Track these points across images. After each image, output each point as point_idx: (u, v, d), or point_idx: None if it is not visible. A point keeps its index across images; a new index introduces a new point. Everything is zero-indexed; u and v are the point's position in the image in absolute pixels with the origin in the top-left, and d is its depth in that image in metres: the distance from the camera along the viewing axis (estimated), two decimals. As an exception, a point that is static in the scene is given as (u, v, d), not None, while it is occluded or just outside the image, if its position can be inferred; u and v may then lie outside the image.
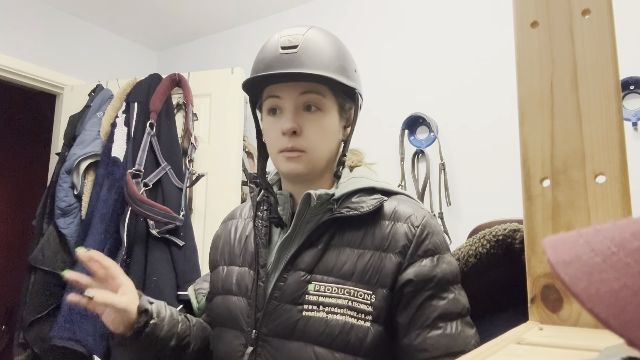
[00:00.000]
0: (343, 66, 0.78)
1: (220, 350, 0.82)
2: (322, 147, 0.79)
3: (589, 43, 0.54)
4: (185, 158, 2.08)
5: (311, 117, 0.77)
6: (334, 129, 0.80)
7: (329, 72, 0.75)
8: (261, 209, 0.85)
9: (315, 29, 0.79)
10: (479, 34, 1.98)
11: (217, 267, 0.90)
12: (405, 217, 0.76)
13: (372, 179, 0.82)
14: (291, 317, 0.73)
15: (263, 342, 0.75)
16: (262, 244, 0.81)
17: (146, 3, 2.58)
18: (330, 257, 0.75)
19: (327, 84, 0.77)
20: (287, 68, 0.74)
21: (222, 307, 0.84)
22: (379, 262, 0.73)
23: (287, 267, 0.77)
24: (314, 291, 0.73)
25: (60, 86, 2.59)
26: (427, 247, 0.74)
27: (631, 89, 1.63)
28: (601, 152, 0.52)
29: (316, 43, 0.76)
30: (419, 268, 0.72)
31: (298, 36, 0.76)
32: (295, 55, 0.74)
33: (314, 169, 0.79)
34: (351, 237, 0.76)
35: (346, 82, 0.77)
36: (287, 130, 0.76)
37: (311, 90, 0.77)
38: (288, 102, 0.77)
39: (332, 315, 0.71)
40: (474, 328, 0.73)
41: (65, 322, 1.72)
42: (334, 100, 0.79)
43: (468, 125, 1.96)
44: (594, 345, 0.40)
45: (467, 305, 0.74)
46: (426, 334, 0.70)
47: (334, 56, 0.77)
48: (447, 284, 0.73)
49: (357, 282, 0.73)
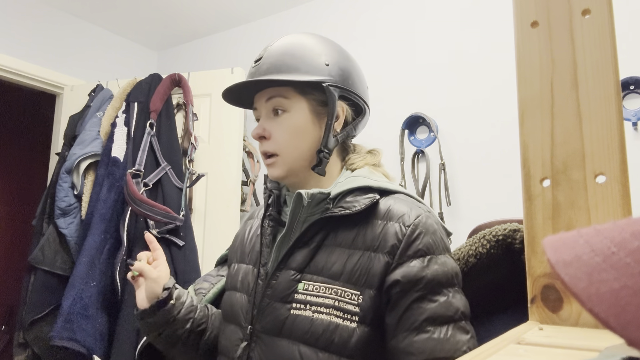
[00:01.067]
0: (304, 63, 0.79)
1: (221, 344, 0.85)
2: (292, 147, 0.80)
3: (589, 43, 0.54)
4: (185, 158, 2.08)
5: (278, 120, 0.81)
6: (304, 127, 0.81)
7: (280, 75, 0.78)
8: (270, 210, 0.87)
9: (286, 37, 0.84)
10: (479, 34, 1.98)
11: (231, 264, 0.93)
12: (397, 216, 0.74)
13: (371, 178, 0.81)
14: (280, 314, 0.75)
15: (256, 338, 0.77)
16: (266, 243, 0.84)
17: (146, 3, 2.58)
18: (321, 257, 0.76)
19: (289, 85, 0.80)
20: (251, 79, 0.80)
21: (227, 303, 0.87)
22: (368, 262, 0.72)
23: (279, 265, 0.78)
24: (303, 290, 0.74)
25: (60, 86, 2.59)
26: (417, 248, 0.71)
27: (631, 89, 1.63)
28: (601, 152, 0.52)
29: (277, 50, 0.81)
30: (407, 269, 0.70)
31: (267, 47, 0.83)
32: (258, 67, 0.81)
33: (292, 170, 0.81)
34: (344, 237, 0.76)
35: (297, 78, 0.78)
36: (254, 137, 0.82)
37: (274, 95, 0.81)
38: (261, 110, 0.83)
39: (317, 315, 0.72)
40: (469, 334, 0.69)
41: (65, 322, 1.72)
42: (301, 99, 0.81)
43: (468, 125, 1.96)
44: (594, 345, 0.40)
45: (463, 309, 0.70)
46: (412, 337, 0.68)
47: (290, 57, 0.80)
48: (438, 286, 0.70)
49: (345, 282, 0.72)
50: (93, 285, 1.79)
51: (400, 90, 2.15)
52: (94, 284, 1.79)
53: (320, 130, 0.82)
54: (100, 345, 1.76)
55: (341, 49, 0.87)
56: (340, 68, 0.82)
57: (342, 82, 0.82)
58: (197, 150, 2.11)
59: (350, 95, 0.83)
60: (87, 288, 1.78)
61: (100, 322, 1.78)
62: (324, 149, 0.80)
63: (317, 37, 0.85)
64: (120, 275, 1.81)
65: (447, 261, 0.73)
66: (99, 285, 1.81)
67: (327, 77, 0.80)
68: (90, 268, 1.81)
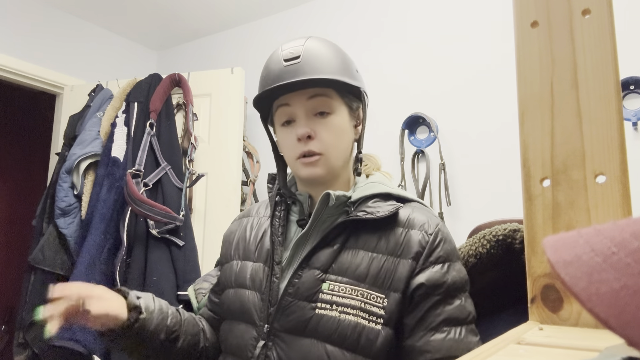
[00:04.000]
0: (345, 68, 0.82)
1: (231, 344, 0.83)
2: (337, 148, 0.82)
3: (589, 43, 0.54)
4: (185, 158, 2.08)
5: (323, 120, 0.81)
6: (345, 129, 0.83)
7: (333, 75, 0.79)
8: (279, 209, 0.88)
9: (312, 38, 0.83)
10: (479, 33, 1.98)
11: (230, 262, 0.92)
12: (419, 224, 0.78)
13: (388, 185, 0.85)
14: (304, 314, 0.75)
15: (275, 337, 0.76)
16: (279, 241, 0.84)
17: (146, 3, 2.58)
18: (345, 258, 0.77)
19: (333, 87, 0.81)
20: (294, 78, 0.78)
21: (235, 300, 0.85)
22: (393, 267, 0.75)
23: (302, 264, 0.78)
24: (328, 290, 0.75)
25: (60, 86, 2.59)
26: (439, 254, 0.75)
27: (631, 89, 1.63)
28: (601, 152, 0.52)
29: (316, 50, 0.80)
30: (431, 274, 0.74)
31: (298, 47, 0.80)
32: (299, 65, 0.78)
33: (332, 170, 0.83)
34: (366, 240, 0.78)
35: (351, 82, 0.81)
36: (302, 135, 0.79)
37: (318, 94, 0.80)
38: (298, 109, 0.81)
39: (344, 315, 0.73)
40: (478, 336, 0.74)
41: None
42: (341, 101, 0.83)
43: (468, 125, 1.96)
44: (594, 345, 0.40)
45: (474, 314, 0.75)
46: (430, 336, 0.72)
47: (335, 60, 0.81)
48: (455, 291, 0.74)
49: (371, 284, 0.74)
50: (93, 285, 1.79)
51: (400, 90, 2.15)
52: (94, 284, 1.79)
53: (352, 133, 0.86)
54: (100, 345, 1.75)
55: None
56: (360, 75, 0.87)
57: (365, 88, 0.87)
58: (197, 150, 2.11)
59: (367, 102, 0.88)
60: (87, 288, 1.78)
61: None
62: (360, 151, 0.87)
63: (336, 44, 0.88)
64: (120, 275, 1.81)
65: (461, 268, 0.78)
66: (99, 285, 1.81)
67: (360, 84, 0.84)
68: (90, 268, 1.81)
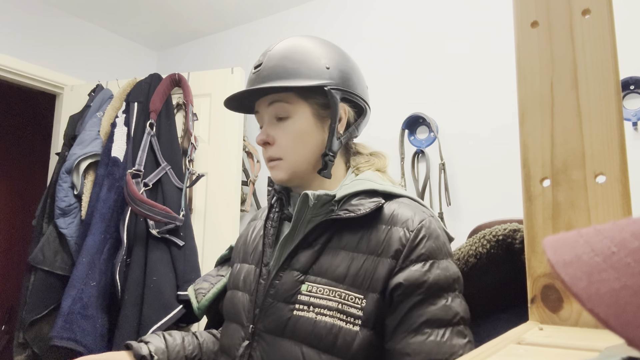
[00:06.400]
0: (297, 69, 0.79)
1: (223, 343, 0.85)
2: (296, 151, 0.81)
3: (589, 43, 0.54)
4: (185, 158, 2.08)
5: (281, 125, 0.82)
6: (306, 131, 0.81)
7: (286, 81, 0.78)
8: (273, 211, 0.88)
9: (288, 39, 0.84)
10: (479, 33, 1.98)
11: (234, 264, 0.94)
12: (402, 221, 0.74)
13: (376, 181, 0.81)
14: (283, 315, 0.75)
15: (258, 338, 0.77)
16: (269, 243, 0.84)
17: (146, 3, 2.58)
18: (325, 259, 0.76)
19: (291, 91, 0.80)
20: (253, 86, 0.81)
21: (229, 302, 0.88)
22: (372, 266, 0.72)
23: (283, 266, 0.78)
24: (307, 291, 0.74)
25: (60, 86, 2.59)
26: (420, 252, 0.72)
27: (631, 89, 1.63)
28: (601, 152, 0.52)
29: (277, 55, 0.81)
30: (410, 273, 0.70)
31: (267, 53, 0.83)
32: (259, 73, 0.81)
33: (296, 173, 0.82)
34: (348, 239, 0.76)
35: (306, 83, 0.78)
36: (259, 142, 0.83)
37: (276, 100, 0.81)
38: (264, 115, 0.84)
39: (321, 317, 0.72)
40: (466, 339, 0.70)
41: (65, 322, 1.72)
42: (304, 103, 0.81)
43: (468, 126, 1.96)
44: (594, 345, 0.40)
45: (462, 314, 0.71)
46: (410, 338, 0.68)
47: (293, 64, 0.80)
48: (439, 291, 0.70)
49: (350, 285, 0.72)
50: (93, 285, 1.79)
51: (400, 90, 2.15)
52: (94, 284, 1.79)
53: (323, 133, 0.82)
54: (100, 345, 1.75)
55: (340, 50, 0.87)
56: (340, 70, 0.82)
57: (343, 84, 0.82)
58: (197, 150, 2.11)
59: (352, 96, 0.83)
60: (87, 288, 1.78)
61: (100, 322, 1.78)
62: (328, 152, 0.81)
63: (316, 40, 0.85)
64: (120, 275, 1.81)
65: (449, 266, 0.73)
66: (99, 285, 1.81)
67: (328, 81, 0.80)
68: (90, 268, 1.81)
